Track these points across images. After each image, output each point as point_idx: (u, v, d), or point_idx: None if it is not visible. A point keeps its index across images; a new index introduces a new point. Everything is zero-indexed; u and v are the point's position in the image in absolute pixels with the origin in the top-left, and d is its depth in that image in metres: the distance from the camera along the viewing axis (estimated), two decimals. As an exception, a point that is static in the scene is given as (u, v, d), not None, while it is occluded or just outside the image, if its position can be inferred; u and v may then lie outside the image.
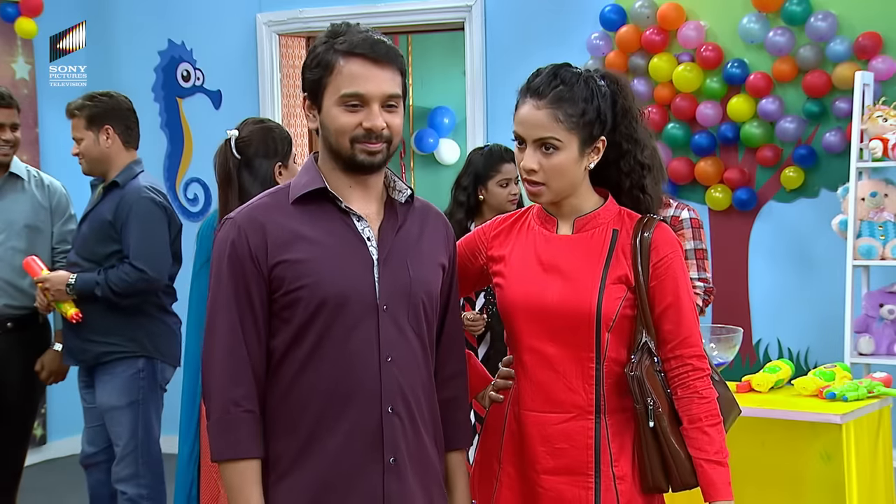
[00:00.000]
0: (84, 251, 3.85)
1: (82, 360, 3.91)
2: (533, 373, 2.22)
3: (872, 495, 3.32)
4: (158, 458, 3.97)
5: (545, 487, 2.20)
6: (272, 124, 3.35)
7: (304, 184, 2.06)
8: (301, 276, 1.99)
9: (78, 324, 3.81)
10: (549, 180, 2.18)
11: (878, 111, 4.58)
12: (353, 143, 2.02)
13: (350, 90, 2.01)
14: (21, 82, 6.04)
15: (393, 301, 2.05)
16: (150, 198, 3.81)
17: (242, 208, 2.08)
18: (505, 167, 3.97)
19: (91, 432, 4.03)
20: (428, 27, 6.12)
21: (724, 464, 2.16)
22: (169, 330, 3.95)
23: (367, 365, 2.02)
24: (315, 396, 2.01)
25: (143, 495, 3.89)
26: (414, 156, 8.34)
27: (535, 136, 2.17)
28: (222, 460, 2.01)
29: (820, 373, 3.46)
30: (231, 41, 6.14)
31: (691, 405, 2.17)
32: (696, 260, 3.99)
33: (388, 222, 2.09)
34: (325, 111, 2.03)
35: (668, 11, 5.14)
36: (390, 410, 2.03)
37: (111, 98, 3.94)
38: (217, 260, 2.04)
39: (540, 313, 2.20)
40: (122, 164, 3.88)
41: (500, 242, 2.33)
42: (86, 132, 3.86)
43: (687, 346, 2.19)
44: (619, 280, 2.18)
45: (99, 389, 3.89)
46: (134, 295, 3.78)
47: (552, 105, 2.16)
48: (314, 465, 2.02)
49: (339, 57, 2.02)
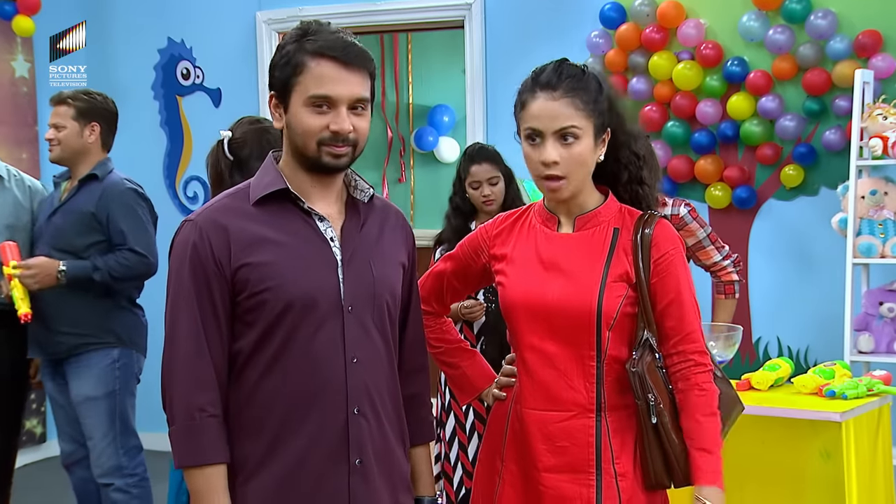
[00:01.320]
0: (59, 243, 3.88)
1: (53, 353, 3.93)
2: (534, 371, 2.22)
3: (872, 493, 3.32)
4: (139, 447, 4.01)
5: (547, 485, 2.20)
6: (267, 124, 3.33)
7: (264, 184, 2.04)
8: (265, 278, 1.98)
9: (47, 316, 3.84)
10: (570, 172, 2.18)
11: (877, 109, 4.57)
12: (320, 145, 2.00)
13: (319, 92, 1.98)
14: (20, 80, 6.04)
15: (358, 302, 2.04)
16: (132, 188, 3.94)
17: (202, 210, 2.04)
18: (473, 169, 3.93)
19: (67, 430, 4.06)
20: (428, 25, 6.12)
21: (713, 452, 2.16)
22: (138, 321, 4.04)
23: (333, 366, 2.01)
24: (280, 399, 2.00)
25: (132, 483, 3.92)
26: (414, 154, 8.34)
27: (555, 127, 2.16)
28: (188, 466, 1.99)
29: (820, 371, 3.46)
30: (231, 39, 6.14)
31: (689, 396, 2.18)
32: (713, 244, 4.03)
33: (351, 222, 2.08)
34: (292, 111, 2.01)
35: (667, 9, 5.13)
36: (356, 412, 2.03)
37: (105, 100, 4.06)
38: (177, 262, 2.01)
39: (541, 312, 2.20)
40: (94, 160, 3.98)
41: (501, 241, 2.33)
42: (72, 122, 3.95)
43: (689, 341, 2.20)
44: (620, 278, 2.18)
45: (73, 382, 3.91)
46: (131, 279, 3.88)
47: (568, 94, 2.16)
48: (280, 467, 2.00)
49: (308, 57, 1.99)
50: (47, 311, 3.88)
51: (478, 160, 3.93)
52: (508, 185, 3.95)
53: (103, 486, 3.93)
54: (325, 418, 2.01)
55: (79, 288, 3.82)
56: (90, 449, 3.94)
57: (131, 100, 6.15)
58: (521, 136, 2.23)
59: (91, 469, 3.97)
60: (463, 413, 3.98)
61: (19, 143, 6.02)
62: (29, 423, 5.98)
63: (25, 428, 5.91)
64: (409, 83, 8.18)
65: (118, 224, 3.84)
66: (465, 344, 2.55)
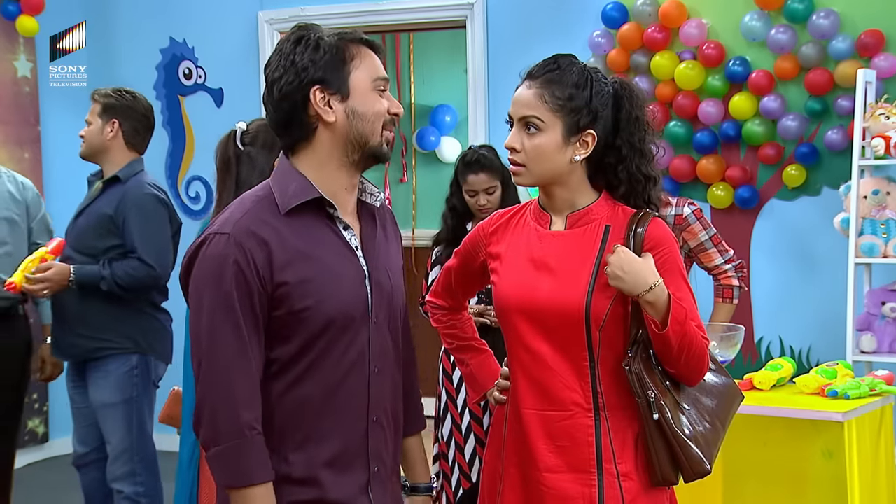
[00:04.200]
0: (80, 245, 3.87)
1: (71, 355, 3.93)
2: (531, 371, 2.21)
3: (874, 493, 3.32)
4: (154, 455, 3.98)
5: (548, 485, 2.19)
6: None
7: (292, 192, 1.96)
8: (305, 296, 1.93)
9: (68, 317, 3.84)
10: (528, 162, 2.19)
11: (880, 109, 4.57)
12: (384, 127, 2.00)
13: (381, 74, 2.00)
14: (23, 80, 6.05)
15: (381, 313, 2.03)
16: (152, 194, 3.86)
17: (235, 220, 1.94)
18: (470, 178, 3.91)
19: (82, 432, 4.04)
20: (429, 25, 6.12)
21: (684, 321, 2.10)
22: (161, 327, 3.98)
23: (359, 377, 2.00)
24: (306, 409, 1.98)
25: (141, 493, 3.89)
26: (415, 154, 8.34)
27: (519, 114, 2.19)
28: (241, 486, 1.91)
29: (822, 371, 3.46)
30: (233, 39, 6.14)
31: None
32: (715, 247, 4.02)
33: (368, 230, 2.06)
34: (358, 97, 1.97)
35: (669, 9, 5.13)
36: (375, 420, 2.03)
37: (134, 99, 3.99)
38: (213, 277, 1.91)
39: (532, 312, 2.19)
40: (121, 161, 3.91)
41: (497, 239, 2.32)
42: (96, 118, 3.92)
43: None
44: None
45: (92, 387, 3.90)
46: (138, 290, 3.81)
47: (541, 86, 2.18)
48: (303, 476, 1.99)
49: (351, 45, 1.99)
50: (68, 313, 3.87)
51: (474, 169, 3.90)
52: (506, 189, 3.94)
53: (115, 491, 3.91)
54: (348, 428, 2.00)
55: (85, 295, 3.80)
56: (109, 453, 3.92)
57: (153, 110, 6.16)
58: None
59: (102, 472, 3.96)
60: (459, 414, 3.97)
61: (21, 143, 6.02)
62: (31, 422, 5.98)
63: (28, 427, 5.91)
64: (410, 83, 8.17)
65: (131, 230, 3.78)
66: (478, 342, 2.55)
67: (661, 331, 2.09)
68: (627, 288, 2.10)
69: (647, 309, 2.11)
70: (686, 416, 2.19)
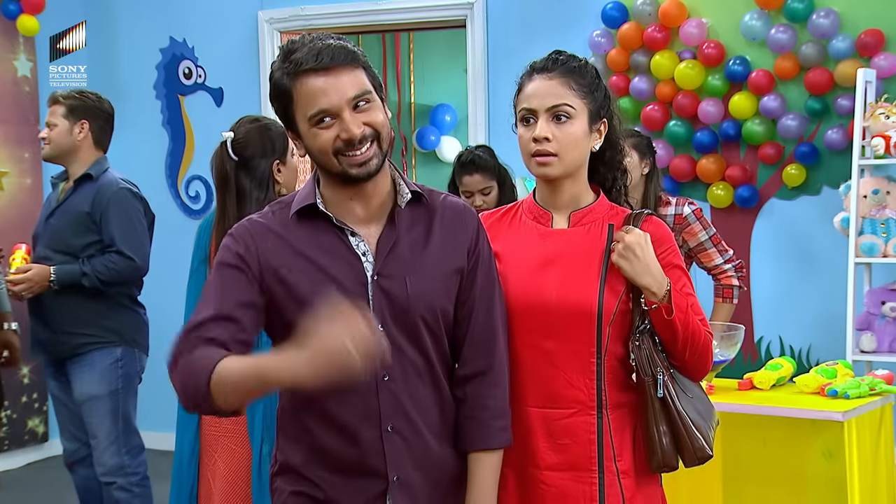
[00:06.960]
0: (57, 244, 3.91)
1: (56, 353, 3.95)
2: (533, 369, 2.21)
3: (874, 493, 3.32)
4: (141, 446, 4.03)
5: (548, 484, 2.19)
6: (268, 121, 3.34)
7: (298, 198, 2.05)
8: (297, 286, 1.97)
9: (49, 316, 3.87)
10: (561, 151, 2.18)
11: (880, 108, 4.57)
12: (338, 156, 1.97)
13: (314, 110, 1.95)
14: (23, 80, 6.05)
15: (388, 318, 2.00)
16: (127, 188, 3.95)
17: (249, 219, 2.06)
18: (465, 179, 3.90)
19: (70, 428, 4.07)
20: (429, 25, 6.12)
21: (683, 307, 2.13)
22: (140, 320, 4.05)
23: (364, 386, 1.95)
24: (306, 409, 1.99)
25: (134, 482, 3.94)
26: (416, 153, 8.34)
27: (547, 104, 2.17)
28: (207, 384, 1.85)
29: (822, 370, 3.46)
30: (233, 38, 6.14)
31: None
32: (714, 246, 4.02)
33: (387, 234, 2.04)
34: (304, 137, 2.00)
35: (669, 9, 5.13)
36: (390, 429, 2.01)
37: (98, 99, 4.07)
38: (225, 248, 2.01)
39: (538, 310, 2.19)
40: (89, 160, 3.99)
41: (491, 239, 2.32)
42: (62, 120, 3.97)
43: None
44: (618, 274, 2.18)
45: (76, 381, 3.93)
46: (120, 283, 3.89)
47: (563, 75, 2.18)
48: (316, 479, 2.02)
49: (291, 81, 1.96)
50: (49, 312, 3.90)
51: (469, 171, 3.88)
52: (502, 189, 3.92)
53: (105, 484, 3.95)
54: (353, 434, 1.99)
55: (66, 292, 3.84)
56: (93, 447, 3.96)
57: (133, 99, 6.16)
58: (517, 122, 2.23)
59: (93, 467, 3.99)
60: None
61: (21, 143, 6.03)
62: (31, 422, 5.97)
63: (27, 427, 5.91)
64: (410, 83, 8.18)
65: (109, 225, 3.86)
66: None
67: (669, 316, 2.11)
68: (633, 271, 2.11)
69: (648, 295, 2.13)
70: (689, 402, 2.20)
